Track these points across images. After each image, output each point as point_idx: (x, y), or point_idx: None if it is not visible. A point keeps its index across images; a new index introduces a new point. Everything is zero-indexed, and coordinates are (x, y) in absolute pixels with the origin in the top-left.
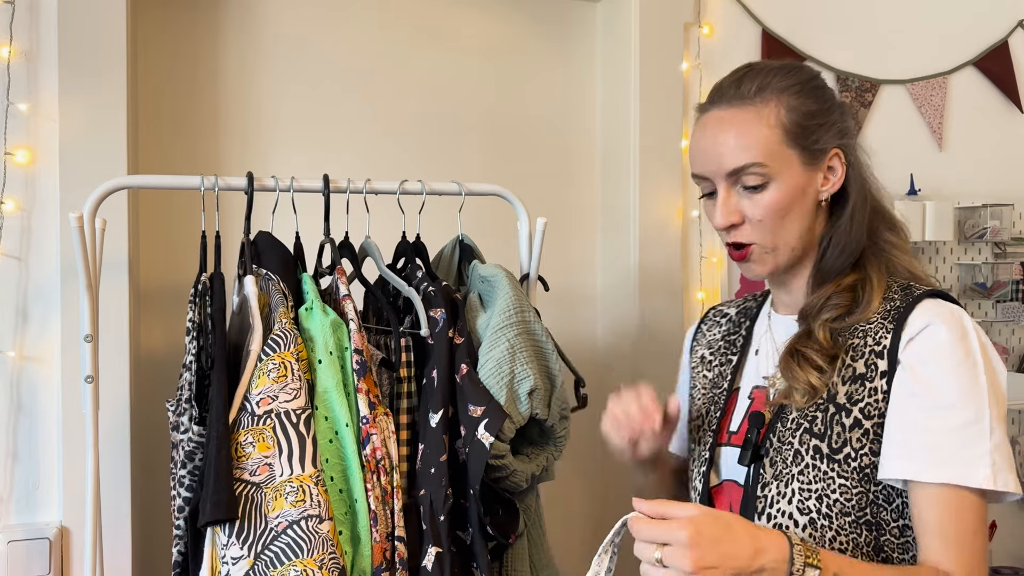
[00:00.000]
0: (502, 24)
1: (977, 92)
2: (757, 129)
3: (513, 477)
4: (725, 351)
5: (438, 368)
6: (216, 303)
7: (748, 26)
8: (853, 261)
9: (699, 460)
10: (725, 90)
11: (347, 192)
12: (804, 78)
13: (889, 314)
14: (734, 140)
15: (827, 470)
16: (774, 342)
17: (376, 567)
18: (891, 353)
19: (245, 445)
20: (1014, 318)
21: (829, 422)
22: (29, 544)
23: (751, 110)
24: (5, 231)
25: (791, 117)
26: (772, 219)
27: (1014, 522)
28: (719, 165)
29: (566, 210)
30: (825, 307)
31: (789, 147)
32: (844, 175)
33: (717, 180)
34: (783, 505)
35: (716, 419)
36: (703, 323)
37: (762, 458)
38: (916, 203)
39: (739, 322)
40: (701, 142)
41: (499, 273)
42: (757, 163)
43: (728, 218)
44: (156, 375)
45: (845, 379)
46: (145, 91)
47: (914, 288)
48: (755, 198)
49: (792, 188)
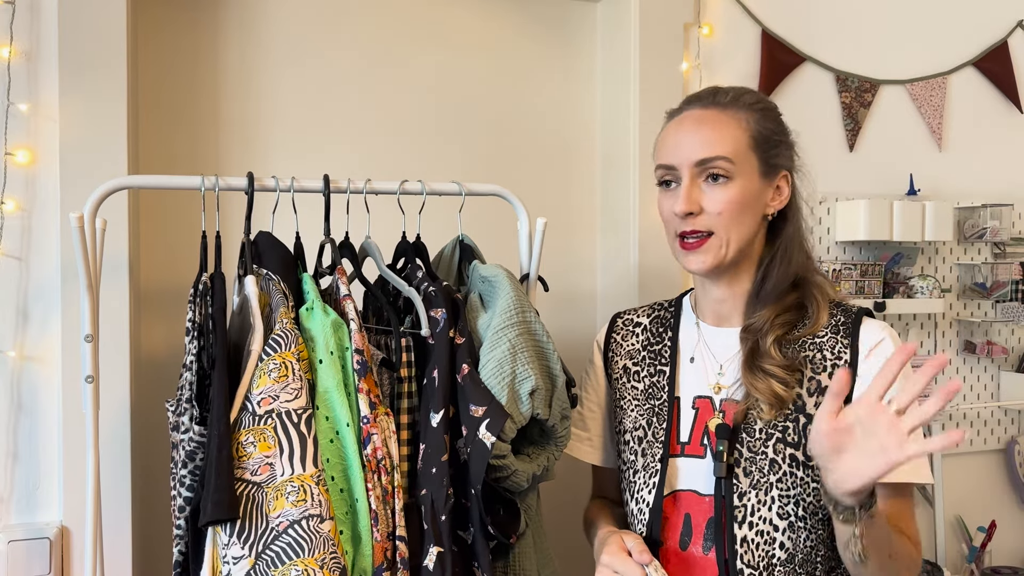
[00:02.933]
0: (502, 24)
1: (977, 92)
2: (730, 128)
3: (514, 477)
4: (652, 361)
5: (439, 368)
6: (217, 303)
7: (748, 26)
8: (789, 282)
9: (646, 472)
10: (701, 96)
11: (347, 192)
12: (770, 104)
13: (839, 329)
14: (709, 133)
15: (803, 476)
16: (711, 354)
17: (377, 567)
18: (852, 366)
19: (246, 445)
20: (1014, 318)
21: (802, 431)
22: (29, 544)
23: (728, 113)
24: (5, 231)
25: (758, 127)
26: (729, 213)
27: (1014, 522)
28: (690, 154)
29: (566, 210)
30: (773, 325)
31: (753, 152)
32: (788, 199)
33: (683, 169)
34: (764, 512)
35: (663, 430)
36: (614, 331)
37: (733, 468)
38: (916, 203)
39: (657, 332)
40: (675, 135)
41: (500, 273)
42: (725, 157)
43: (689, 205)
44: (156, 375)
45: (811, 391)
46: (145, 91)
47: (846, 306)
48: (717, 191)
49: (749, 191)
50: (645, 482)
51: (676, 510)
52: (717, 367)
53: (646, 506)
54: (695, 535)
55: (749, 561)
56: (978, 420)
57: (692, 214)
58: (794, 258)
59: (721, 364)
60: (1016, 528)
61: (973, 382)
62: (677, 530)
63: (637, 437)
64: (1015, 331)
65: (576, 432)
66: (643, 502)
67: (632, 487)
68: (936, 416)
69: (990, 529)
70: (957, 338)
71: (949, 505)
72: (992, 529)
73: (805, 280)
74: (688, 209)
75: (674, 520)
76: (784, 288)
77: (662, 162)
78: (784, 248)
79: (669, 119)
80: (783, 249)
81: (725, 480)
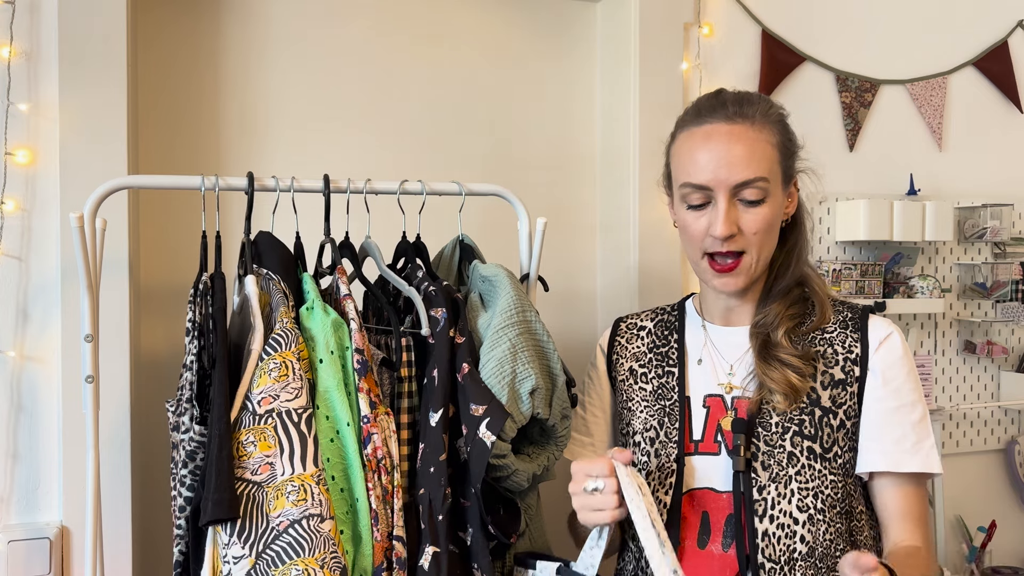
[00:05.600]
0: (502, 24)
1: (977, 92)
2: (763, 146)
3: (514, 476)
4: (659, 363)
5: (439, 367)
6: (217, 303)
7: (748, 26)
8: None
9: (661, 472)
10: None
11: (347, 192)
12: (784, 112)
13: (848, 324)
14: (744, 153)
15: (821, 468)
16: (720, 354)
17: (377, 566)
18: (863, 360)
19: (246, 444)
20: (1014, 318)
21: (818, 424)
22: (29, 544)
23: (756, 129)
24: (5, 231)
25: (781, 140)
26: (763, 233)
27: (1014, 522)
28: (727, 176)
29: (566, 210)
30: (783, 318)
31: (779, 165)
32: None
33: (719, 191)
34: (784, 505)
35: (677, 430)
36: (617, 335)
37: (751, 463)
38: (916, 203)
39: (663, 335)
40: (706, 153)
41: (500, 273)
42: (763, 178)
43: (731, 228)
44: (156, 375)
45: (825, 384)
46: (145, 91)
47: (850, 304)
48: (753, 212)
49: (778, 206)
50: (661, 482)
51: (693, 509)
52: (727, 367)
53: (664, 507)
54: (714, 533)
55: (771, 555)
56: (978, 420)
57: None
58: (803, 259)
59: (731, 364)
60: (1016, 528)
61: (973, 382)
62: (695, 529)
63: (649, 438)
64: (1015, 331)
65: (579, 437)
66: (660, 503)
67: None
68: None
69: (990, 529)
70: (957, 338)
71: (949, 505)
72: (992, 529)
73: (804, 275)
74: (731, 232)
75: (692, 519)
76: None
77: (694, 181)
78: (797, 251)
79: (685, 128)
80: (796, 252)
81: (744, 475)
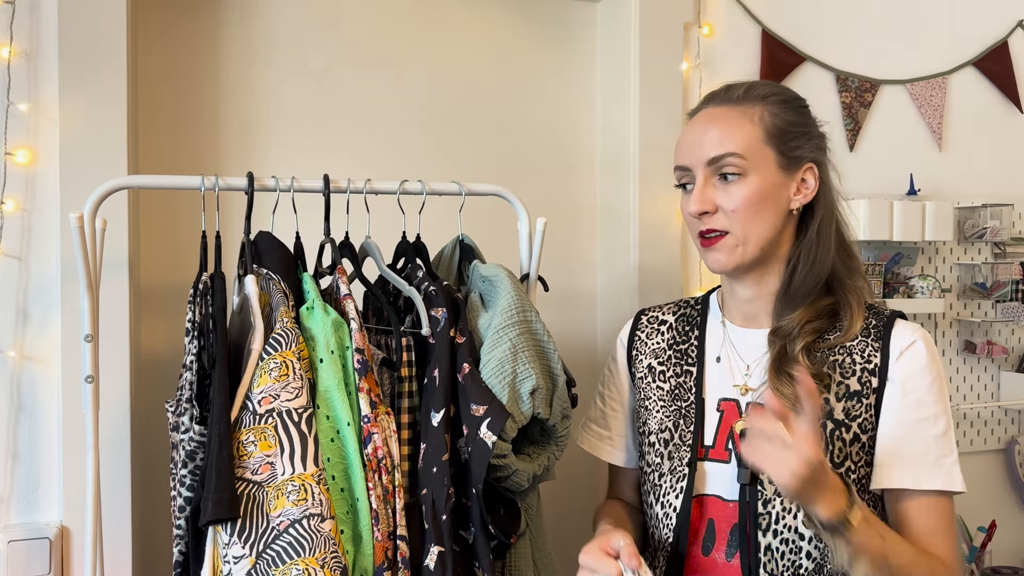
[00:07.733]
0: (502, 24)
1: (977, 92)
2: (740, 124)
3: (515, 476)
4: (678, 361)
5: (439, 367)
6: (217, 303)
7: (748, 26)
8: (821, 283)
9: (673, 475)
10: (715, 94)
11: (347, 192)
12: (790, 95)
13: (870, 332)
14: (718, 131)
15: None
16: (737, 354)
17: (378, 566)
18: (882, 371)
19: (247, 444)
20: (1014, 318)
21: (830, 437)
22: (29, 544)
23: (738, 109)
24: (5, 231)
25: (773, 120)
26: (745, 211)
27: (1014, 522)
28: (701, 153)
29: (566, 210)
30: (803, 332)
31: (768, 146)
32: (816, 191)
33: (697, 169)
34: (789, 520)
35: (691, 433)
36: (638, 329)
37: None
38: (916, 203)
39: (684, 330)
40: (688, 135)
41: (500, 273)
42: (735, 153)
43: (702, 205)
44: (156, 375)
45: (839, 396)
46: (145, 91)
47: (879, 309)
48: (730, 188)
49: (766, 186)
50: (672, 486)
51: (700, 515)
52: (744, 367)
53: (672, 511)
54: (718, 541)
55: (773, 570)
56: (978, 420)
57: (707, 213)
58: (820, 256)
59: (748, 365)
60: (1016, 528)
61: (973, 382)
62: (700, 535)
63: (663, 440)
64: (1015, 331)
65: (597, 431)
66: (669, 506)
67: (657, 490)
68: None
69: (990, 529)
70: (957, 338)
71: None
72: (992, 529)
73: (842, 284)
74: (701, 209)
75: (697, 525)
76: (816, 290)
77: (677, 163)
78: (808, 245)
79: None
80: (808, 246)
81: (749, 487)
